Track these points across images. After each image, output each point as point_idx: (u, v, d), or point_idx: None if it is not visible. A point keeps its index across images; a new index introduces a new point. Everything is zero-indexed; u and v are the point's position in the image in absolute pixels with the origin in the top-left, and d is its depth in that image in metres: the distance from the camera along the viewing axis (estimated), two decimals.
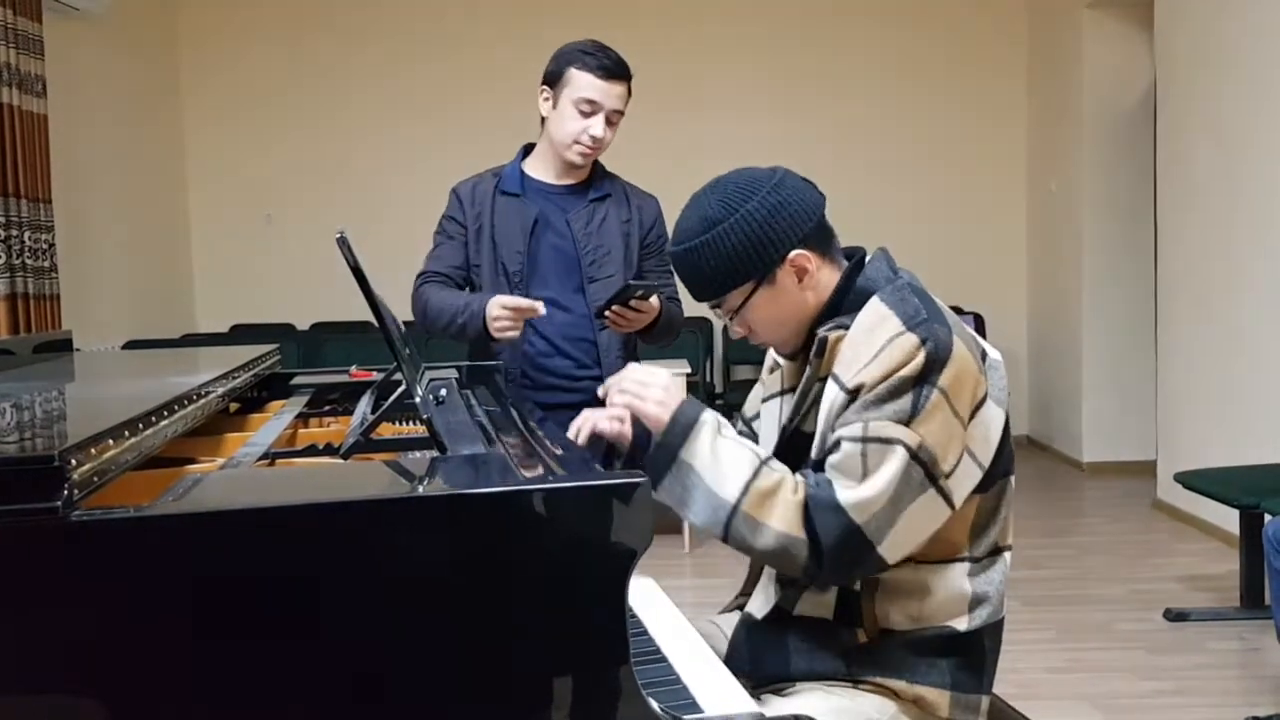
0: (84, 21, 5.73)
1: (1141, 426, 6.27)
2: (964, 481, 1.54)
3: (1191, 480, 4.13)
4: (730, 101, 7.06)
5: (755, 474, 1.52)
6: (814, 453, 1.57)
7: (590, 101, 2.47)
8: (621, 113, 2.54)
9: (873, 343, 1.52)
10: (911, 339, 1.50)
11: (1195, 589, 4.29)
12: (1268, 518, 3.50)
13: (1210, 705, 3.22)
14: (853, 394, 1.51)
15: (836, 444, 1.51)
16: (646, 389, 1.61)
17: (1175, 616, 3.93)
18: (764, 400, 1.80)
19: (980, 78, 7.26)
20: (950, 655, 1.58)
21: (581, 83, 2.47)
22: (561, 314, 2.54)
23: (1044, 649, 3.68)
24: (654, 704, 1.19)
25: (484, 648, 1.16)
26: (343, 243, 1.57)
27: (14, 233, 4.73)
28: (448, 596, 1.16)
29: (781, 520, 1.50)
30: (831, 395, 1.55)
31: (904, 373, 1.48)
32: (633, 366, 1.69)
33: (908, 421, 1.48)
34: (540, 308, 2.40)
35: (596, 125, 2.48)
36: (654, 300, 2.44)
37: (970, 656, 1.60)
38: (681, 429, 1.56)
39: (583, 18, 6.59)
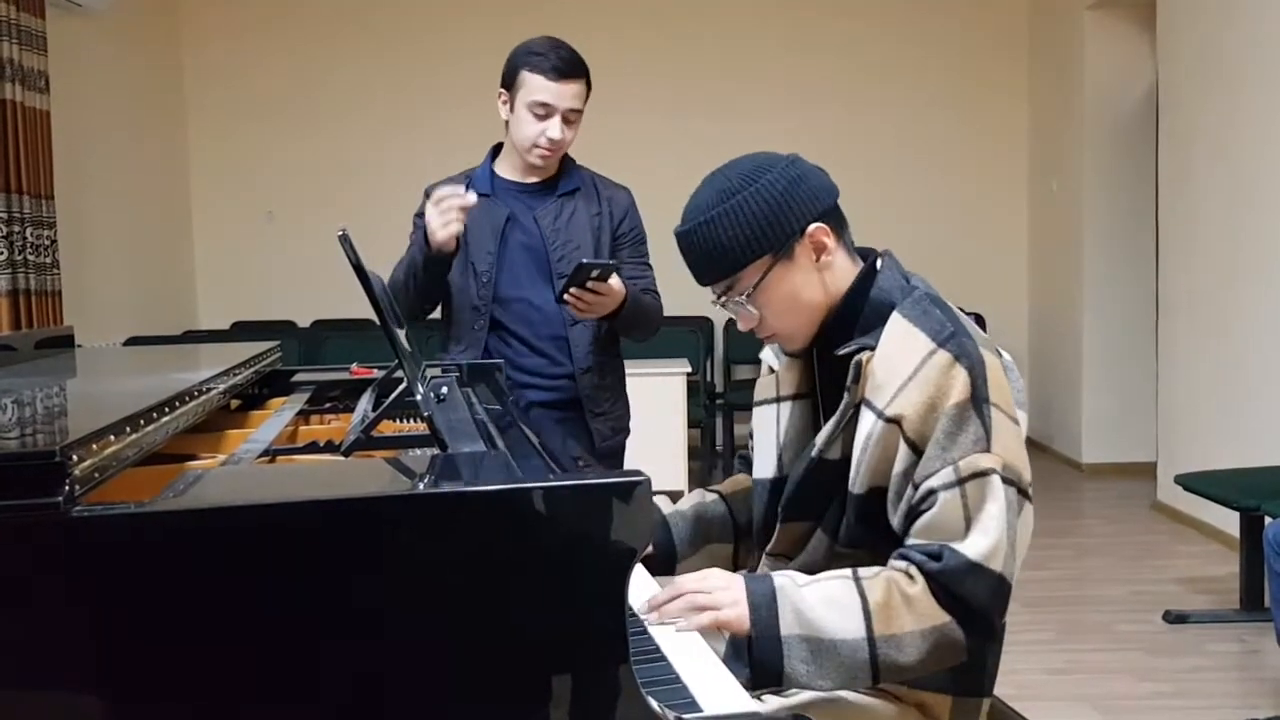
0: (87, 18, 5.73)
1: (1141, 428, 6.27)
2: None
3: (1192, 482, 4.13)
4: (732, 102, 7.06)
5: (863, 596, 1.43)
6: (851, 484, 1.52)
7: (544, 105, 2.44)
8: (579, 111, 2.50)
9: (905, 363, 1.48)
10: (944, 357, 1.46)
11: (1195, 591, 4.29)
12: (1268, 520, 3.49)
13: (1209, 707, 3.22)
14: (892, 422, 1.47)
15: (928, 496, 1.44)
16: (713, 597, 1.47)
17: (1175, 618, 3.93)
18: (757, 405, 1.74)
19: (982, 78, 7.26)
20: None
21: (534, 86, 2.44)
22: (534, 312, 2.54)
23: (1043, 650, 3.68)
24: (653, 703, 1.19)
25: (483, 645, 1.16)
26: (344, 240, 1.57)
27: (16, 229, 4.74)
28: (448, 594, 1.16)
29: (918, 619, 1.42)
30: (868, 423, 1.50)
31: (957, 399, 1.44)
32: (679, 583, 1.52)
33: (987, 446, 1.44)
34: (470, 196, 2.39)
35: (553, 128, 2.46)
36: (615, 282, 2.39)
37: (972, 660, 1.58)
38: (767, 610, 1.44)
39: (583, 20, 6.60)
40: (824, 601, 1.44)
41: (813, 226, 1.55)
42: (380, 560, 1.15)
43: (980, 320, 6.77)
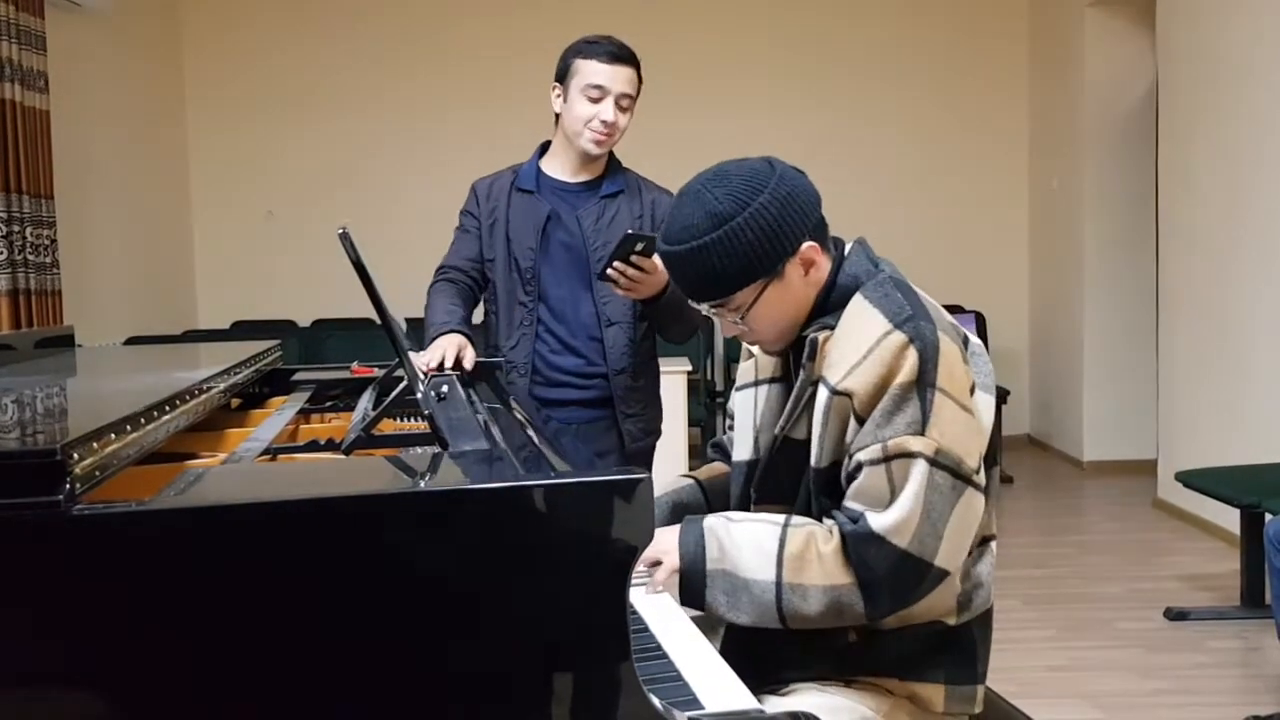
0: (87, 17, 5.73)
1: (1142, 425, 6.27)
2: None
3: (1192, 479, 4.13)
4: (730, 102, 7.05)
5: (782, 543, 1.50)
6: (814, 460, 1.55)
7: (597, 86, 2.49)
8: (633, 97, 2.54)
9: (860, 343, 1.50)
10: (899, 338, 1.48)
11: (1196, 588, 4.29)
12: (1268, 517, 3.50)
13: (1210, 704, 3.22)
14: (841, 395, 1.49)
15: (857, 469, 1.49)
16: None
17: (1176, 615, 3.93)
18: (737, 389, 1.77)
19: (982, 76, 7.26)
20: (942, 650, 1.58)
21: (588, 70, 2.49)
22: (571, 312, 2.57)
23: (1044, 647, 3.69)
24: (655, 700, 1.19)
25: (485, 643, 1.16)
26: (344, 238, 1.57)
27: (16, 228, 4.73)
28: (449, 591, 1.16)
29: (822, 575, 1.48)
30: (823, 398, 1.53)
31: (902, 379, 1.46)
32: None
33: (922, 430, 1.46)
34: (468, 361, 2.35)
35: (606, 109, 2.50)
36: (659, 262, 2.33)
37: (962, 649, 1.60)
38: (694, 545, 1.55)
39: (586, 19, 6.59)
40: (747, 541, 1.53)
41: (804, 246, 1.56)
42: (381, 558, 1.15)
43: (981, 318, 6.78)
